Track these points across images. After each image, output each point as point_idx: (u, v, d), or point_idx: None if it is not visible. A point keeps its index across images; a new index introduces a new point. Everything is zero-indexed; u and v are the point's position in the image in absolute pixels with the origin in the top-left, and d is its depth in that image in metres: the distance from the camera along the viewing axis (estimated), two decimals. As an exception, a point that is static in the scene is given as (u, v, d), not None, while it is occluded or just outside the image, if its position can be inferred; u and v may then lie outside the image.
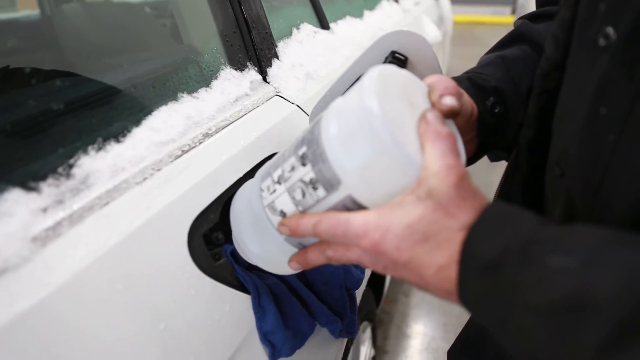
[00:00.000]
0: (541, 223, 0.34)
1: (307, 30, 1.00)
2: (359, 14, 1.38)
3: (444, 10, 3.26)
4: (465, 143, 0.54)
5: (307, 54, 0.93)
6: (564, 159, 0.42)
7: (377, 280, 1.53)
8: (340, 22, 1.22)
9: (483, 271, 0.34)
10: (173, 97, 0.61)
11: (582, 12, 0.41)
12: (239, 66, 0.75)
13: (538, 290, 0.31)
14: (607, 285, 0.28)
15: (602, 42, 0.36)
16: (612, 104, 0.35)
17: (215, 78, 0.70)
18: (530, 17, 0.64)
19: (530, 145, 0.51)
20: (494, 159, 0.62)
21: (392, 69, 0.44)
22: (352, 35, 1.18)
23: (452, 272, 0.36)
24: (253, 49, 0.78)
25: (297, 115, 0.78)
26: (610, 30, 0.35)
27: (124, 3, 1.10)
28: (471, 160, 0.59)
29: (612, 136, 0.35)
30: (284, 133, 0.72)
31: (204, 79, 0.69)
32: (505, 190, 0.58)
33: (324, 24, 1.13)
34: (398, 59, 0.57)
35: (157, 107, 0.59)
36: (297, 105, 0.80)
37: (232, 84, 0.71)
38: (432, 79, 0.46)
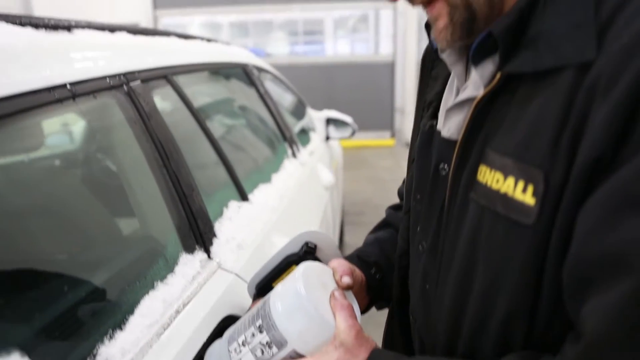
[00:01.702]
0: (400, 357, 0.62)
1: (234, 207, 1.28)
2: (267, 179, 1.70)
3: (333, 149, 3.81)
4: (360, 300, 0.83)
5: (236, 228, 1.20)
6: (413, 312, 0.72)
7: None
8: (255, 191, 1.52)
9: None
10: (152, 286, 0.84)
11: (412, 230, 0.74)
12: (190, 250, 1.00)
13: None
14: None
15: (420, 248, 0.69)
16: (430, 280, 0.67)
17: (177, 264, 0.94)
18: (394, 207, 0.99)
19: (397, 301, 0.81)
20: (379, 308, 0.92)
21: (312, 264, 0.73)
22: (265, 202, 1.48)
23: None
24: (199, 234, 1.04)
25: (236, 282, 1.03)
26: (424, 243, 0.68)
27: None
28: (365, 309, 0.88)
29: (430, 287, 0.66)
30: (230, 298, 0.96)
31: (169, 267, 0.92)
32: (389, 328, 0.87)
33: (243, 197, 1.43)
34: (310, 248, 0.86)
35: (142, 296, 0.81)
36: (236, 274, 1.05)
37: (188, 267, 0.95)
38: (334, 263, 0.76)
